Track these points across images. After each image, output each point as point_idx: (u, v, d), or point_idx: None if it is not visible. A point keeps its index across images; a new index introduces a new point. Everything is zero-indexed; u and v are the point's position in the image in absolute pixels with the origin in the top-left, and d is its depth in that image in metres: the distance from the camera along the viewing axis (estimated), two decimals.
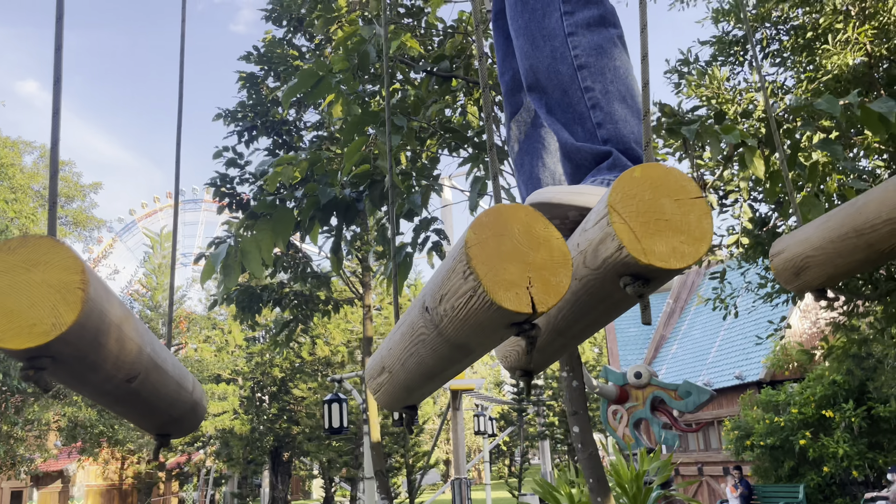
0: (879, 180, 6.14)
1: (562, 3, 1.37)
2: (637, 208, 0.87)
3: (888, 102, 2.99)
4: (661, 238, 0.87)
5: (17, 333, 0.82)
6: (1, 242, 0.88)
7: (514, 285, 0.79)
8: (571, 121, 1.33)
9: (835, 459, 14.02)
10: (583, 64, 1.32)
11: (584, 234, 0.97)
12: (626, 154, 1.28)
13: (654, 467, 5.10)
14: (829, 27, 5.56)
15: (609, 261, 0.90)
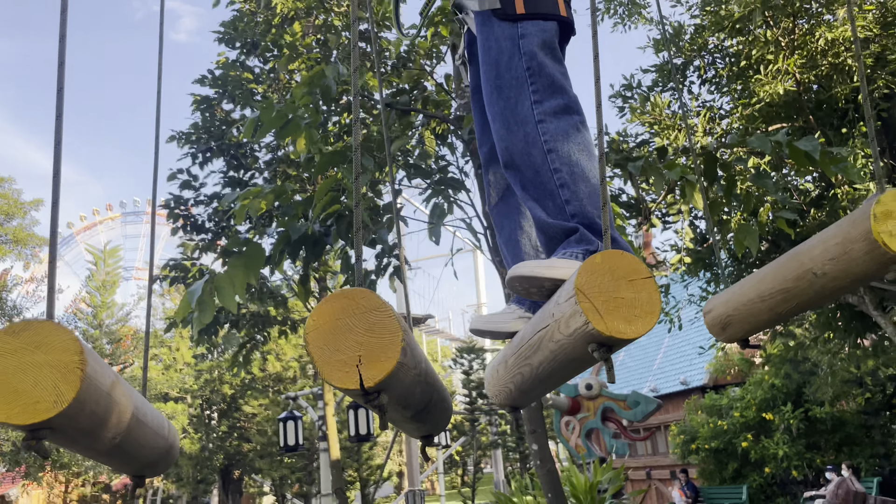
0: (809, 199, 6.56)
1: (531, 93, 1.56)
2: (599, 289, 1.08)
3: (812, 141, 3.29)
4: (619, 313, 1.08)
5: (23, 411, 0.94)
6: (6, 326, 1.00)
7: (345, 365, 0.98)
8: (543, 196, 1.52)
9: (775, 460, 14.59)
10: (551, 148, 1.52)
11: (559, 307, 1.18)
12: (590, 228, 1.47)
13: (606, 477, 5.35)
14: (762, 58, 5.95)
15: (578, 331, 1.10)
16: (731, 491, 15.53)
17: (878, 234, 1.34)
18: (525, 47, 1.59)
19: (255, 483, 25.26)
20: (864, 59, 5.94)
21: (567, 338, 1.14)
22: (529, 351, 1.38)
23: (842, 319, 7.27)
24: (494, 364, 1.68)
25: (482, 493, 32.15)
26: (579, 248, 1.44)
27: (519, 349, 1.47)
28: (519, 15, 1.62)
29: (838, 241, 1.45)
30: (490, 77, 1.64)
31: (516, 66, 1.59)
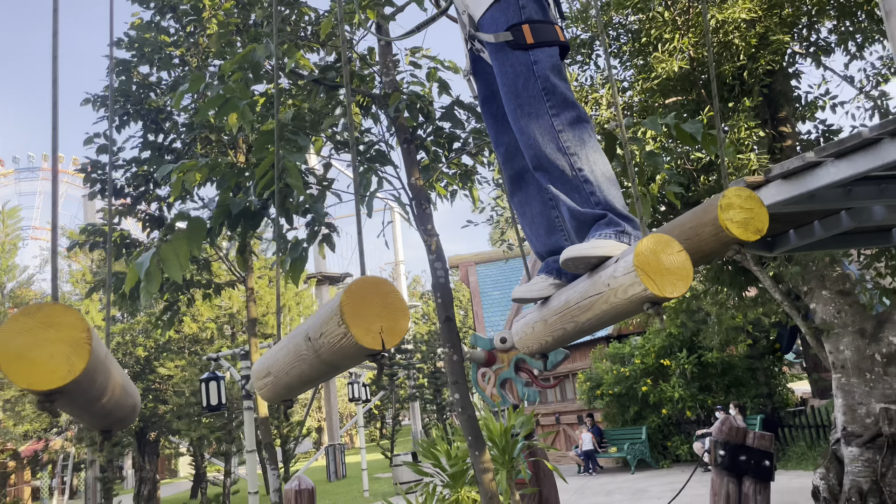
0: (700, 166, 7.19)
1: (549, 108, 1.91)
2: (650, 265, 1.48)
3: (696, 124, 3.78)
4: (666, 280, 1.48)
5: (42, 378, 1.14)
6: (23, 308, 1.25)
7: (372, 332, 1.34)
8: (570, 190, 1.88)
9: (672, 402, 15.77)
10: (574, 152, 1.88)
11: (616, 279, 1.57)
12: (614, 212, 1.84)
13: (519, 422, 5.88)
14: (660, 36, 6.45)
15: (636, 296, 1.51)
16: (632, 432, 16.70)
17: (722, 220, 1.70)
18: (539, 72, 1.93)
19: (172, 444, 25.11)
20: (749, 40, 6.54)
21: (625, 301, 1.53)
22: (578, 311, 1.75)
23: (728, 274, 8.03)
24: (528, 322, 2.08)
25: (401, 444, 33.04)
26: (610, 229, 1.78)
27: (565, 310, 1.83)
28: (529, 44, 1.94)
29: (692, 226, 1.79)
30: (511, 97, 1.96)
31: (532, 87, 1.92)
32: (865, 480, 5.98)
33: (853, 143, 2.23)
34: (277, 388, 1.85)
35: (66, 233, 22.80)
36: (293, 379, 1.73)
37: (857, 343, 6.37)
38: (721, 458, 8.12)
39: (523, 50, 1.95)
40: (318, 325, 1.48)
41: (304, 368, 1.60)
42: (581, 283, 1.75)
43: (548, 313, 1.94)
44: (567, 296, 1.81)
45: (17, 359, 1.12)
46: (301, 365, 1.60)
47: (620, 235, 1.77)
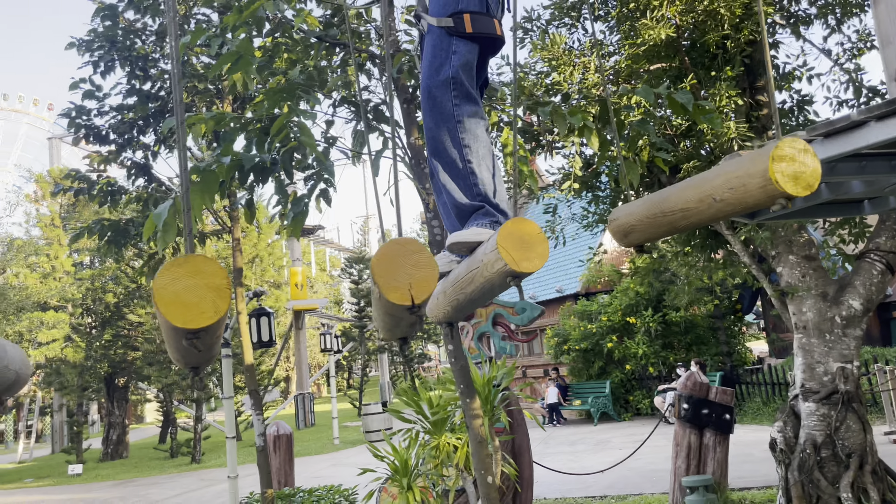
0: (680, 131, 7.41)
1: (453, 97, 2.08)
2: (511, 243, 1.72)
3: (687, 95, 3.97)
4: (525, 256, 1.72)
5: (194, 318, 1.32)
6: (173, 259, 1.42)
7: (400, 288, 1.54)
8: (457, 178, 2.09)
9: (636, 358, 16.34)
10: (467, 144, 2.09)
11: (486, 255, 1.82)
12: (490, 204, 2.08)
13: (501, 373, 6.16)
14: (648, 3, 6.58)
15: (500, 269, 1.75)
16: (596, 386, 17.28)
17: (773, 172, 1.62)
18: (455, 61, 2.09)
19: (140, 390, 25.19)
20: (734, 10, 6.71)
21: (493, 274, 1.77)
22: (465, 284, 1.98)
23: (700, 237, 8.34)
24: (436, 293, 2.24)
25: (368, 394, 33.56)
26: (486, 219, 2.04)
27: (456, 282, 2.06)
28: (468, 34, 2.09)
29: (738, 175, 1.72)
30: (424, 78, 2.13)
31: (444, 72, 2.09)
32: (820, 434, 6.41)
33: (842, 125, 2.44)
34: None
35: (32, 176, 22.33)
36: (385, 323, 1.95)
37: (819, 305, 6.74)
38: (685, 411, 8.58)
39: (449, 35, 2.10)
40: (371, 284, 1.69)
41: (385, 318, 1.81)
42: (466, 260, 2.02)
43: (447, 285, 2.17)
44: (457, 270, 2.06)
45: (173, 302, 1.29)
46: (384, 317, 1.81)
47: (494, 225, 2.03)
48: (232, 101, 7.75)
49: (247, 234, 22.65)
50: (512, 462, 6.74)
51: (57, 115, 8.02)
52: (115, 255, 7.18)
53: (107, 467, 20.07)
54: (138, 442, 27.95)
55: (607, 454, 11.83)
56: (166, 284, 1.29)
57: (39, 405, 27.10)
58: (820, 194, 3.04)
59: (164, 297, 1.29)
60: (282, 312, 28.45)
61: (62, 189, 7.19)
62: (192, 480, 15.83)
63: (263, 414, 8.37)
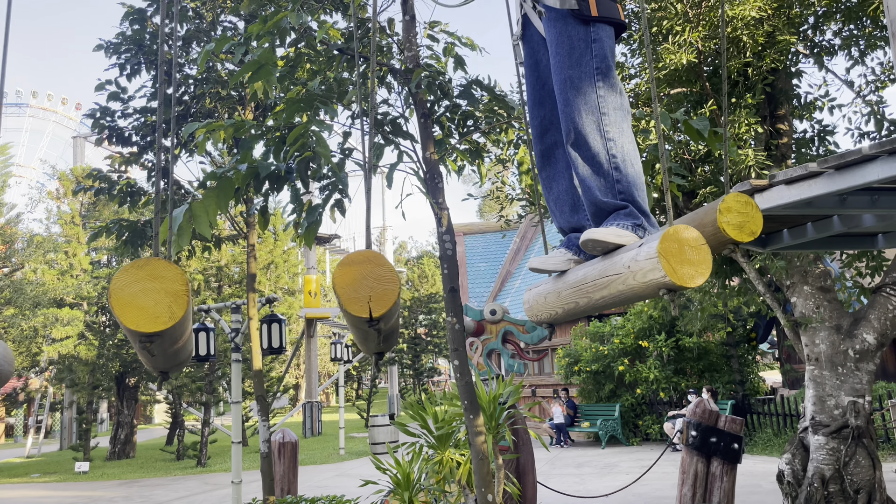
0: (698, 156, 7.40)
1: (597, 87, 1.93)
2: (672, 254, 1.60)
3: (704, 121, 3.97)
4: (686, 270, 1.61)
5: (147, 322, 1.34)
6: (133, 262, 1.43)
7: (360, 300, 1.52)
8: (597, 173, 1.92)
9: (646, 383, 16.20)
10: (611, 137, 1.92)
11: (637, 263, 1.67)
12: (634, 205, 1.92)
13: (507, 391, 6.14)
14: (671, 28, 6.59)
15: (654, 280, 1.62)
16: (605, 408, 17.14)
17: (720, 223, 1.84)
18: (596, 50, 1.94)
19: (150, 391, 25.33)
20: (756, 38, 6.70)
21: (642, 284, 1.65)
22: (593, 288, 1.86)
23: (715, 263, 8.29)
24: (541, 293, 2.17)
25: (376, 406, 33.51)
26: (629, 220, 1.87)
27: (580, 286, 1.93)
28: (592, 17, 1.94)
29: (695, 224, 1.87)
30: (563, 68, 1.96)
31: (587, 63, 1.93)
32: (829, 468, 6.32)
33: (853, 158, 2.43)
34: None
35: (56, 173, 22.66)
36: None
37: (833, 338, 6.67)
38: (693, 438, 8.48)
39: (585, 23, 1.94)
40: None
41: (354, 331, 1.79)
42: (599, 263, 1.86)
43: (563, 286, 2.04)
44: (584, 272, 1.92)
45: (128, 304, 1.30)
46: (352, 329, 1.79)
47: (637, 229, 1.86)
48: (254, 109, 7.84)
49: (263, 240, 22.78)
50: (515, 481, 6.70)
51: (82, 116, 8.15)
52: (132, 255, 7.27)
53: (113, 466, 20.17)
54: (145, 442, 28.08)
55: (613, 478, 11.71)
56: (124, 286, 1.29)
57: (50, 401, 27.32)
58: (832, 226, 3.02)
59: (119, 299, 1.29)
60: (294, 320, 28.54)
61: (83, 188, 7.29)
62: (196, 483, 15.86)
63: (271, 420, 8.39)
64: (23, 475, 19.28)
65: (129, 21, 7.38)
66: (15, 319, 19.67)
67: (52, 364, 21.64)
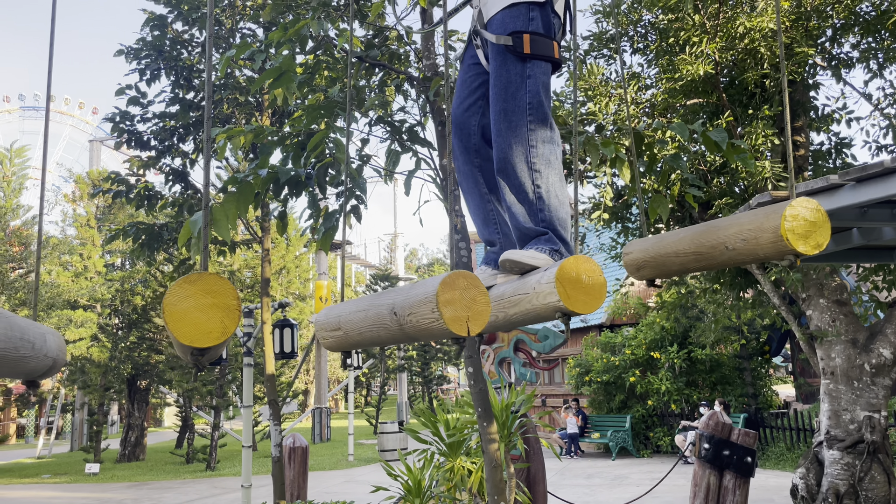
0: (714, 167, 7.39)
1: (528, 121, 2.06)
2: (568, 280, 1.69)
3: (722, 133, 3.97)
4: (579, 296, 1.69)
5: (201, 337, 1.33)
6: (185, 277, 1.44)
7: (460, 321, 1.55)
8: (523, 201, 2.06)
9: (658, 394, 16.10)
10: (538, 169, 2.05)
11: (540, 285, 1.77)
12: (554, 233, 2.04)
13: (520, 399, 6.13)
14: (688, 39, 6.59)
15: (552, 304, 1.72)
16: (616, 419, 17.05)
17: (784, 230, 1.69)
18: (530, 86, 2.07)
19: (161, 394, 25.45)
20: (774, 49, 6.70)
21: (542, 305, 1.74)
22: (508, 305, 1.93)
23: (729, 275, 8.26)
24: None
25: (385, 413, 33.50)
26: (548, 246, 2.00)
27: (498, 301, 2.00)
28: (525, 54, 2.08)
29: (751, 228, 1.79)
30: (499, 100, 2.09)
31: (521, 97, 2.06)
32: (843, 483, 6.26)
33: (874, 171, 2.43)
34: (345, 342, 2.05)
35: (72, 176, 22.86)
36: (365, 339, 1.94)
37: (849, 352, 6.62)
38: (705, 451, 8.43)
39: (521, 59, 2.08)
40: (409, 306, 1.66)
41: (382, 334, 1.80)
42: (514, 282, 1.95)
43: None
44: (502, 290, 2.00)
45: (181, 320, 1.31)
46: (379, 331, 1.80)
47: (554, 254, 1.98)
48: (271, 115, 7.90)
49: (275, 245, 22.89)
50: (526, 490, 6.68)
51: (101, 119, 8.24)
52: (147, 258, 7.33)
53: (123, 468, 20.25)
54: (155, 445, 28.18)
55: (624, 490, 11.64)
56: (176, 301, 1.31)
57: (61, 402, 27.48)
58: (851, 239, 3.01)
59: (173, 314, 1.31)
60: (305, 325, 28.62)
61: (101, 191, 7.37)
62: (205, 487, 15.90)
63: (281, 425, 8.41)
64: (34, 476, 19.39)
65: (150, 27, 7.46)
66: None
67: (64, 365, 21.78)
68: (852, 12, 6.92)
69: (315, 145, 3.46)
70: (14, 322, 1.66)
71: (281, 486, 7.70)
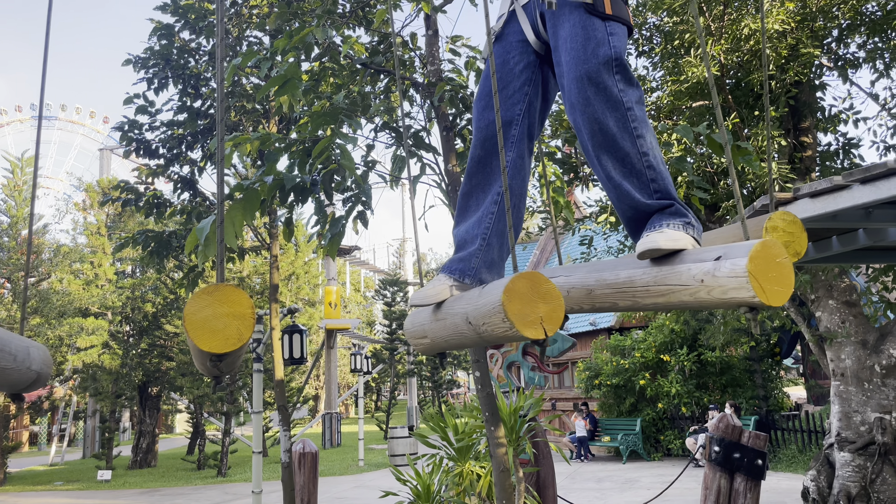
0: (720, 169, 7.36)
1: (617, 81, 1.81)
2: (761, 272, 1.44)
3: (726, 135, 3.97)
4: (772, 287, 1.45)
5: (219, 344, 1.40)
6: (203, 287, 1.49)
7: (534, 324, 1.53)
8: (630, 174, 1.79)
9: (668, 397, 16.04)
10: (640, 134, 1.79)
11: (716, 279, 1.47)
12: (678, 202, 1.77)
13: (528, 404, 6.13)
14: (692, 41, 6.59)
15: (739, 299, 1.45)
16: (626, 423, 16.98)
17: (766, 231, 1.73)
18: (614, 42, 1.84)
19: (172, 400, 25.55)
20: (780, 51, 6.68)
21: (719, 300, 1.48)
22: (645, 294, 1.68)
23: None
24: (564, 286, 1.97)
25: (395, 417, 33.51)
26: (678, 220, 1.71)
27: (624, 288, 1.75)
28: (606, 14, 1.87)
29: (735, 241, 1.76)
30: (579, 64, 1.83)
31: (604, 55, 1.80)
32: (855, 485, 6.22)
33: (879, 171, 2.43)
34: (434, 347, 2.03)
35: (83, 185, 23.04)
36: (452, 345, 1.92)
37: (859, 353, 6.58)
38: (716, 453, 8.39)
39: (600, 18, 1.86)
40: (481, 316, 1.61)
41: (465, 342, 1.79)
42: (649, 269, 1.69)
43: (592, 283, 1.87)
44: (630, 273, 1.74)
45: (200, 328, 1.38)
46: (462, 339, 1.79)
47: (688, 227, 1.70)
48: (278, 122, 7.95)
49: (285, 251, 22.96)
50: (535, 495, 6.67)
51: (111, 128, 8.32)
52: (157, 265, 7.38)
53: (135, 475, 20.33)
54: (167, 452, 28.27)
55: (634, 493, 11.60)
56: (196, 311, 1.38)
57: (74, 410, 27.64)
58: (857, 240, 3.01)
59: (193, 323, 1.37)
60: (314, 330, 28.68)
61: (111, 199, 7.43)
62: (217, 493, 15.94)
63: (291, 431, 8.44)
64: (46, 483, 19.49)
65: (158, 36, 7.52)
66: (41, 328, 20.00)
67: (76, 373, 21.91)
68: (858, 12, 6.91)
69: (320, 151, 3.50)
70: None
71: (291, 491, 7.72)
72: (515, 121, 2.05)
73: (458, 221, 2.08)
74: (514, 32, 2.09)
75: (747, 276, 1.40)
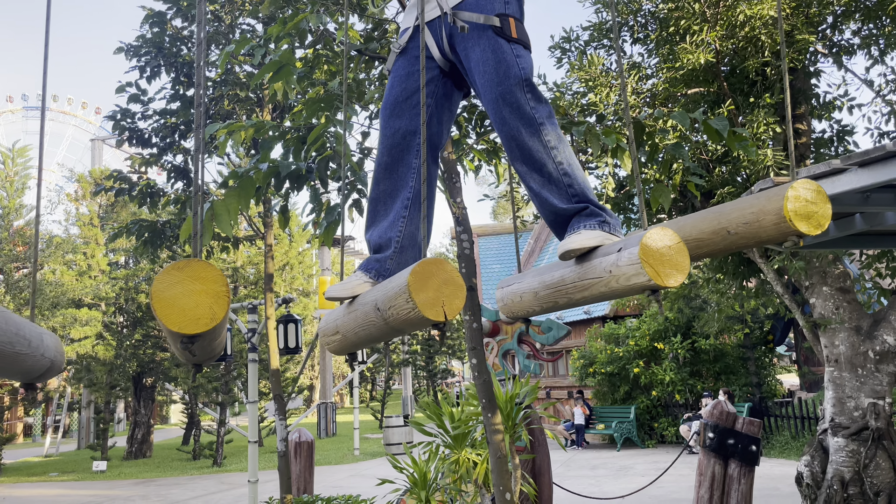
0: (715, 156, 7.37)
1: (529, 100, 1.98)
2: (654, 258, 1.58)
3: (723, 121, 3.96)
4: (666, 270, 1.58)
5: (189, 323, 1.30)
6: (173, 263, 1.42)
7: (435, 306, 1.53)
8: (549, 183, 1.96)
9: (662, 385, 16.12)
10: (553, 146, 1.97)
11: (619, 268, 1.65)
12: (592, 203, 1.94)
13: (524, 391, 6.14)
14: (688, 27, 6.57)
15: (639, 284, 1.61)
16: (620, 410, 17.07)
17: (787, 211, 1.69)
18: (522, 64, 2.00)
19: (166, 391, 25.53)
20: (775, 37, 6.67)
21: (625, 287, 1.64)
22: (574, 290, 1.84)
23: (732, 264, 8.24)
24: (517, 291, 2.14)
25: (390, 407, 33.57)
26: (594, 220, 1.89)
27: (558, 287, 1.91)
28: (512, 38, 2.01)
29: (754, 211, 1.78)
30: (493, 86, 1.99)
31: (516, 76, 1.97)
32: (848, 470, 6.27)
33: (877, 155, 2.42)
34: (345, 344, 2.05)
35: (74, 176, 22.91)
36: (361, 339, 1.93)
37: (853, 339, 6.61)
38: (710, 440, 8.43)
39: (507, 41, 1.99)
40: (388, 300, 1.64)
41: (373, 332, 1.80)
42: (574, 267, 1.85)
43: (538, 287, 2.02)
44: (561, 274, 1.90)
45: (170, 306, 1.29)
46: (370, 329, 1.79)
47: (603, 225, 1.87)
48: (272, 110, 7.90)
49: (279, 241, 22.90)
50: (531, 481, 6.70)
51: (103, 119, 8.25)
52: (151, 255, 7.34)
53: (130, 465, 20.34)
54: (162, 442, 28.28)
55: (629, 480, 11.66)
56: (165, 287, 1.29)
57: (68, 401, 27.59)
58: (854, 224, 3.01)
59: (161, 300, 1.29)
60: (309, 320, 28.67)
61: (103, 189, 7.38)
62: (212, 483, 15.96)
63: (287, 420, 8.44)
64: (41, 474, 19.48)
65: (149, 24, 7.45)
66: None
67: (70, 364, 21.86)
68: None
69: (315, 139, 3.47)
70: (9, 317, 1.61)
71: (287, 480, 7.73)
72: (419, 130, 2.15)
73: (368, 226, 2.17)
74: (417, 47, 2.17)
75: (640, 264, 1.55)
